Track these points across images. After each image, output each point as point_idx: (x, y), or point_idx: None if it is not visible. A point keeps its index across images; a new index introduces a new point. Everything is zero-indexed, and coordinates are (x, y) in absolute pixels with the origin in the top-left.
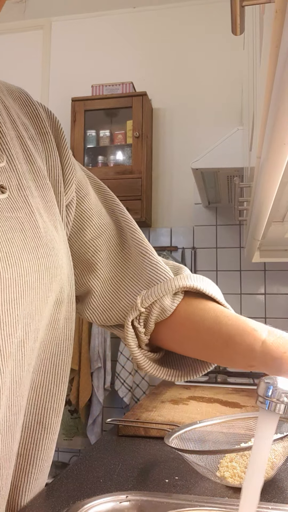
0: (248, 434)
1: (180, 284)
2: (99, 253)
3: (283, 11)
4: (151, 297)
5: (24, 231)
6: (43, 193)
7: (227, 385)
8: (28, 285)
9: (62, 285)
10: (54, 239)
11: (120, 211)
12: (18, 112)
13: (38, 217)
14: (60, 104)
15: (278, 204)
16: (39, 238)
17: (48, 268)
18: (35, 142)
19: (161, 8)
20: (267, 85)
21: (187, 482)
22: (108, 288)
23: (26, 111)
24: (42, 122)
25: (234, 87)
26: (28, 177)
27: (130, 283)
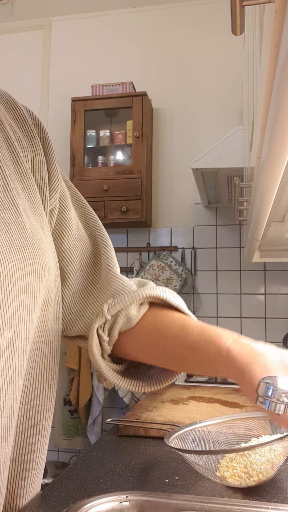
0: (248, 434)
1: (147, 293)
2: (73, 265)
3: (283, 11)
4: (117, 306)
5: (10, 232)
6: (29, 195)
7: (227, 385)
8: (15, 286)
9: (49, 285)
10: (41, 240)
11: (97, 226)
12: (6, 115)
13: (24, 218)
14: (60, 104)
15: (278, 204)
16: (25, 239)
17: (34, 268)
18: (22, 144)
19: (161, 8)
20: (267, 85)
21: (187, 482)
22: (77, 300)
23: (13, 114)
24: (28, 125)
25: (234, 87)
26: (15, 178)
27: (97, 294)
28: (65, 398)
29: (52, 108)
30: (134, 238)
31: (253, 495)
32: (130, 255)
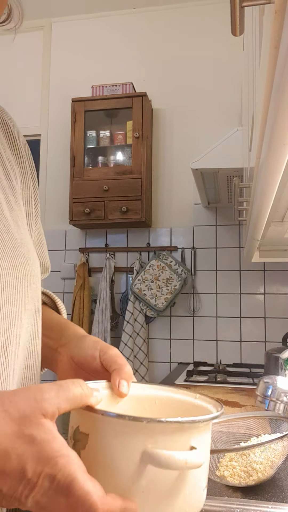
0: (247, 434)
1: (43, 291)
2: None
3: (283, 12)
4: None
5: (2, 242)
6: (19, 209)
7: (227, 385)
8: (7, 292)
9: (38, 293)
10: (30, 250)
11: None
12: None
13: (14, 229)
14: (60, 104)
15: (278, 204)
16: (16, 248)
17: (25, 276)
18: (11, 162)
19: (161, 9)
20: (267, 86)
21: None
22: None
23: (5, 130)
24: (16, 144)
25: (234, 87)
26: (8, 192)
27: None
28: None
29: (53, 108)
30: (134, 238)
31: (253, 494)
32: (130, 255)
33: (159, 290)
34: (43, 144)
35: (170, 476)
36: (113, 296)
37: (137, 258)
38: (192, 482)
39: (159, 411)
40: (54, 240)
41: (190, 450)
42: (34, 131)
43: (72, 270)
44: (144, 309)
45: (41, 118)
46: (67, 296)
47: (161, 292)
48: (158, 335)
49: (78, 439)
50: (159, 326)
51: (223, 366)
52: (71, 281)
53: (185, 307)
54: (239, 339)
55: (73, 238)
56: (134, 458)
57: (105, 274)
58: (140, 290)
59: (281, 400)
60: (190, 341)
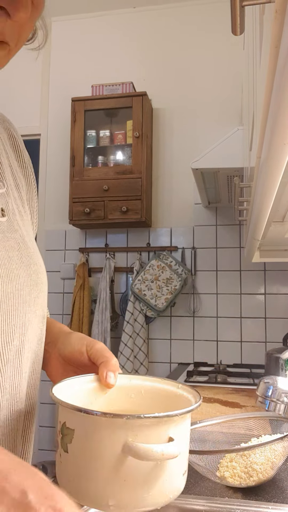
0: (248, 434)
1: None
2: None
3: (283, 12)
4: None
5: (20, 251)
6: (27, 219)
7: (227, 385)
8: (23, 299)
9: (45, 299)
10: (39, 259)
11: None
12: (6, 142)
13: (27, 239)
14: (60, 104)
15: (278, 204)
16: (30, 257)
17: (37, 284)
18: (18, 173)
19: (161, 8)
20: (267, 85)
21: (187, 482)
22: None
23: (12, 143)
24: (22, 156)
25: (234, 87)
26: (19, 203)
27: None
28: None
29: (52, 108)
30: (134, 238)
31: (253, 495)
32: (130, 255)
33: (159, 290)
34: (43, 144)
35: (149, 466)
36: (113, 296)
37: (137, 258)
38: (171, 469)
39: (145, 400)
40: (54, 240)
41: (168, 441)
42: (33, 131)
43: (72, 270)
44: (144, 309)
45: (40, 118)
46: (67, 296)
47: (161, 292)
48: (158, 335)
49: (66, 434)
50: (159, 326)
51: (224, 366)
52: (71, 281)
53: (185, 307)
54: (240, 339)
55: (73, 238)
56: (116, 450)
57: (105, 274)
58: (140, 290)
59: (281, 400)
60: (190, 341)
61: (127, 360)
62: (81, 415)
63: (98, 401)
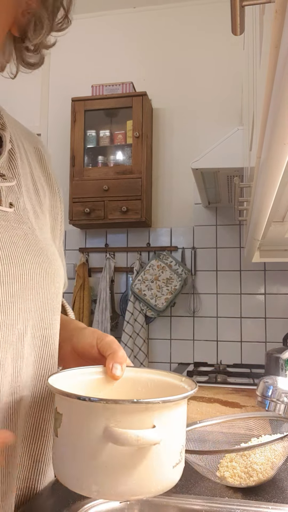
0: (248, 434)
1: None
2: None
3: (283, 12)
4: None
5: (27, 240)
6: (44, 221)
7: (227, 385)
8: (30, 284)
9: (58, 292)
10: (54, 253)
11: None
12: (33, 156)
13: (38, 233)
14: (60, 104)
15: (278, 204)
16: (40, 249)
17: (48, 273)
18: (40, 180)
19: (161, 8)
20: (267, 85)
21: (187, 482)
22: None
23: (38, 155)
24: (46, 166)
25: (234, 87)
26: (35, 204)
27: None
28: None
29: (52, 108)
30: (134, 238)
31: (253, 495)
32: (130, 255)
33: (159, 290)
34: None
35: (129, 452)
36: (113, 296)
37: (137, 258)
38: (156, 459)
39: (151, 392)
40: None
41: (151, 428)
42: (33, 131)
43: (72, 270)
44: (144, 309)
45: (40, 118)
46: (67, 296)
47: (161, 292)
48: (158, 335)
49: (56, 418)
50: (159, 326)
51: (224, 366)
52: (71, 281)
53: (185, 307)
54: (240, 339)
55: (73, 238)
56: (97, 435)
57: (105, 274)
58: (140, 290)
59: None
60: (190, 341)
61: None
62: (67, 400)
63: (103, 392)
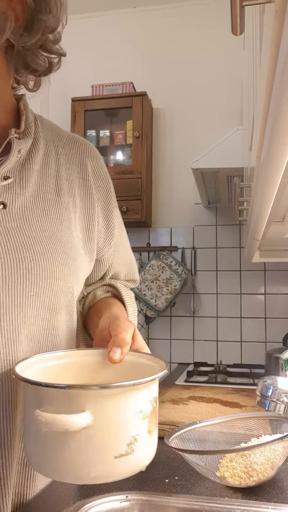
0: (248, 434)
1: (109, 282)
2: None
3: (283, 11)
4: (91, 287)
5: (8, 237)
6: (59, 220)
7: (227, 385)
8: (4, 280)
9: (50, 290)
10: (54, 254)
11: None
12: (70, 159)
13: (29, 232)
14: (60, 104)
15: (278, 204)
16: (28, 246)
17: (30, 271)
18: (71, 183)
19: (161, 8)
20: (267, 85)
21: (187, 482)
22: None
23: (79, 159)
24: (86, 173)
25: (234, 87)
26: (52, 205)
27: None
28: None
29: (52, 108)
30: (134, 238)
31: (253, 495)
32: None
33: (159, 290)
34: None
35: (61, 435)
36: None
37: (137, 258)
38: (87, 443)
39: (128, 374)
40: None
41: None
42: None
43: None
44: (144, 309)
45: None
46: None
47: (161, 292)
48: (158, 335)
49: None
50: (159, 326)
51: (224, 366)
52: None
53: (185, 307)
54: (240, 339)
55: None
56: (33, 416)
57: None
58: (140, 290)
59: (281, 400)
60: (190, 341)
61: None
62: (22, 384)
63: (101, 375)
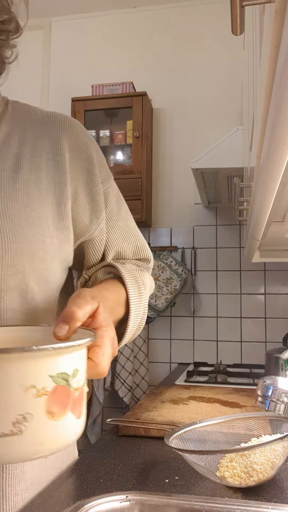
0: (248, 434)
1: (110, 263)
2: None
3: (283, 11)
4: (91, 270)
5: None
6: (33, 196)
7: (227, 385)
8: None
9: (20, 276)
10: (14, 229)
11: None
12: (40, 136)
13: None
14: (60, 104)
15: (278, 204)
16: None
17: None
18: (37, 158)
19: (161, 8)
20: (267, 85)
21: (187, 482)
22: None
23: (49, 135)
24: (60, 148)
25: (234, 87)
26: (9, 182)
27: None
28: None
29: (52, 108)
30: None
31: (253, 495)
32: None
33: (159, 290)
34: None
35: None
36: None
37: None
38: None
39: None
40: None
41: None
42: None
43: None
44: None
45: None
46: None
47: (161, 292)
48: (158, 335)
49: None
50: (159, 326)
51: (224, 366)
52: None
53: (185, 307)
54: (240, 339)
55: None
56: None
57: None
58: None
59: (281, 400)
60: (190, 341)
61: (127, 360)
62: None
63: None
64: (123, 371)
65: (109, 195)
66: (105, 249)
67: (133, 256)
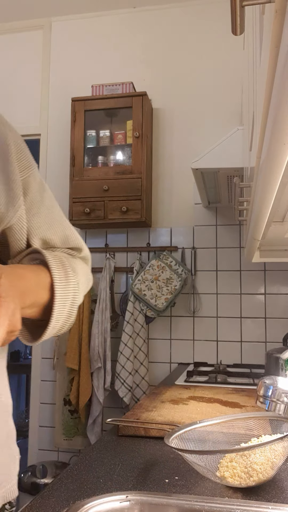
0: (248, 434)
1: (36, 250)
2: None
3: (283, 11)
4: (17, 259)
5: None
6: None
7: (227, 385)
8: None
9: None
10: None
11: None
12: None
13: None
14: (60, 104)
15: (278, 204)
16: None
17: None
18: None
19: (161, 8)
20: (267, 85)
21: (187, 482)
22: None
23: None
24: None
25: (234, 87)
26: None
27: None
28: (65, 398)
29: (52, 108)
30: (134, 238)
31: (253, 495)
32: (130, 255)
33: (159, 290)
34: (43, 144)
35: None
36: (113, 296)
37: (137, 258)
38: None
39: None
40: None
41: None
42: (33, 131)
43: None
44: (144, 309)
45: (40, 118)
46: None
47: (161, 292)
48: (158, 335)
49: None
50: (159, 326)
51: (224, 366)
52: None
53: (185, 307)
54: (240, 339)
55: None
56: None
57: (105, 274)
58: (140, 290)
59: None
60: (190, 341)
61: (127, 360)
62: None
63: None
64: (123, 371)
65: (30, 184)
66: (29, 237)
67: (62, 245)
